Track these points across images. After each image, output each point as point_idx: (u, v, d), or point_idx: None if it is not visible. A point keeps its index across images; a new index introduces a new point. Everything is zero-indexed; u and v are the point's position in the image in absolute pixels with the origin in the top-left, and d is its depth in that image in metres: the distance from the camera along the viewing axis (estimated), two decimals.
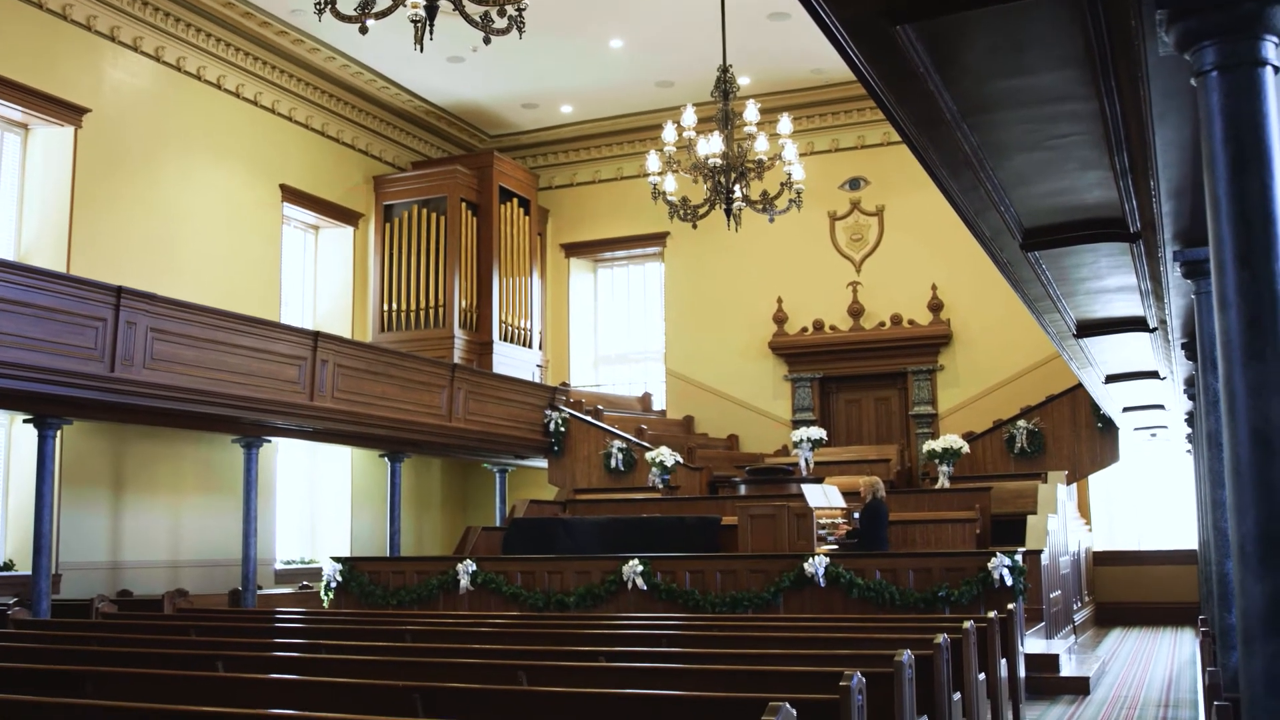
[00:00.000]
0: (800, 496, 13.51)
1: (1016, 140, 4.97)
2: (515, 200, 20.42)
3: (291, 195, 18.09)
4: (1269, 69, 3.13)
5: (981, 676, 7.83)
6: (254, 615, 12.24)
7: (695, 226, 14.33)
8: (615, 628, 9.16)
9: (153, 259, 15.29)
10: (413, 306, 19.26)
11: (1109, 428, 16.38)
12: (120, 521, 14.73)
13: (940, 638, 6.58)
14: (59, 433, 12.16)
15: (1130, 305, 8.42)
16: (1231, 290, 3.07)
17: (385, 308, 19.44)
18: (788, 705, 3.97)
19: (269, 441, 15.31)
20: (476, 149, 21.67)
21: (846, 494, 14.51)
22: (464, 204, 19.51)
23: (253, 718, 4.71)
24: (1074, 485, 17.24)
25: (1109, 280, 7.55)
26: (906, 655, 5.71)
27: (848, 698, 4.72)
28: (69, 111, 14.58)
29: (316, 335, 14.67)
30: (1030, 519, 13.61)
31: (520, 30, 8.87)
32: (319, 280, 19.57)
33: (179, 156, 16.08)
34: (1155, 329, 9.00)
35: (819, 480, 15.05)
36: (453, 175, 19.49)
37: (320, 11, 8.89)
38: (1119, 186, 5.58)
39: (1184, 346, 9.00)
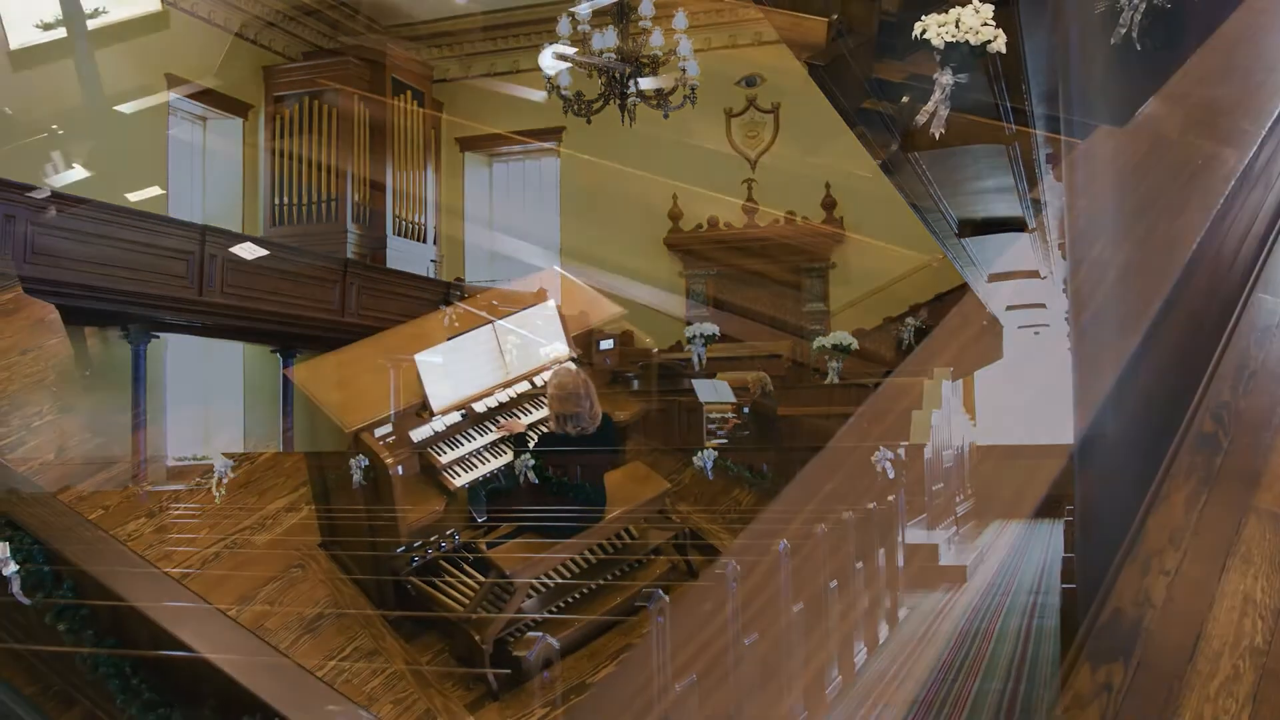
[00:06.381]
0: (691, 391, 13.69)
1: None
2: (409, 92, 20.06)
3: (177, 85, 17.58)
4: None
5: (860, 565, 8.10)
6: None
7: (589, 121, 14.29)
8: None
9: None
10: (304, 200, 18.92)
11: (994, 325, 16.72)
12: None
13: (818, 527, 6.81)
14: None
15: (1010, 206, 8.59)
16: None
17: (276, 201, 19.07)
18: (660, 591, 4.12)
19: (158, 337, 15.06)
20: (370, 39, 21.20)
21: (737, 389, 14.71)
22: (356, 96, 19.13)
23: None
24: (959, 381, 17.62)
25: (988, 181, 7.70)
26: (783, 545, 5.92)
27: (722, 584, 4.90)
28: None
29: (205, 229, 14.36)
30: (915, 414, 13.95)
31: None
32: (207, 173, 19.13)
33: None
34: (1034, 230, 9.21)
35: (711, 376, 15.23)
36: (345, 66, 19.07)
37: None
38: (994, 90, 5.69)
39: (1060, 247, 9.24)
